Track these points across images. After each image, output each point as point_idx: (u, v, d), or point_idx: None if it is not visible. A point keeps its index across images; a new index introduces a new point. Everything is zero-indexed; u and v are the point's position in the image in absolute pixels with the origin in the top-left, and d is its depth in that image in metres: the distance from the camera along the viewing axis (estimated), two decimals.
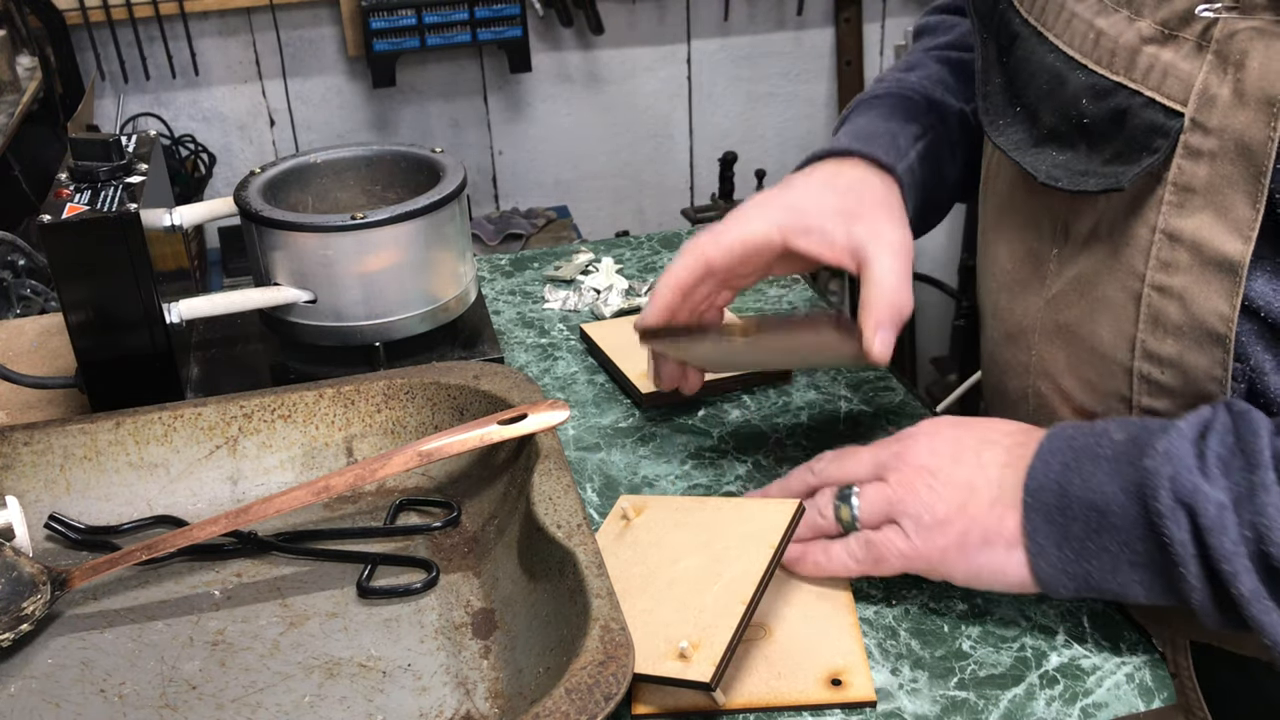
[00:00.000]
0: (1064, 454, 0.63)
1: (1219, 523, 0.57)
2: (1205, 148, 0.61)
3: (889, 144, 0.80)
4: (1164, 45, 0.62)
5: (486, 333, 0.95)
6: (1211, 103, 0.60)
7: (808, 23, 2.65)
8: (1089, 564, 0.62)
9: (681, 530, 0.70)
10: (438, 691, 0.63)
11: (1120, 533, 0.61)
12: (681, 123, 2.71)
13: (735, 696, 0.63)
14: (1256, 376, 0.63)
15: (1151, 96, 0.62)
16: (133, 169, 0.85)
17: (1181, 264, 0.64)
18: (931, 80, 0.87)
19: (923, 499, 0.66)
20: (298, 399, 0.79)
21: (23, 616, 0.67)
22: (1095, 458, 0.62)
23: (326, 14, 2.42)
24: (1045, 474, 0.63)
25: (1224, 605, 0.59)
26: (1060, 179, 0.67)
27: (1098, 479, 0.62)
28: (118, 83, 2.37)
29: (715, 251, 0.75)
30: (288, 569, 0.73)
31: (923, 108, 0.85)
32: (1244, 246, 0.61)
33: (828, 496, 0.70)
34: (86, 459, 0.76)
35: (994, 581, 0.66)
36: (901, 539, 0.66)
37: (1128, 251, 0.66)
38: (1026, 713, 0.62)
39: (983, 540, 0.65)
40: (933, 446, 0.68)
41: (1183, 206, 0.63)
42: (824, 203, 0.75)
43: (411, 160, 0.96)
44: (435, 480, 0.79)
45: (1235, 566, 0.57)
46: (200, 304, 0.88)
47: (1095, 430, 0.64)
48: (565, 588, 0.63)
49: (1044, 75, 0.68)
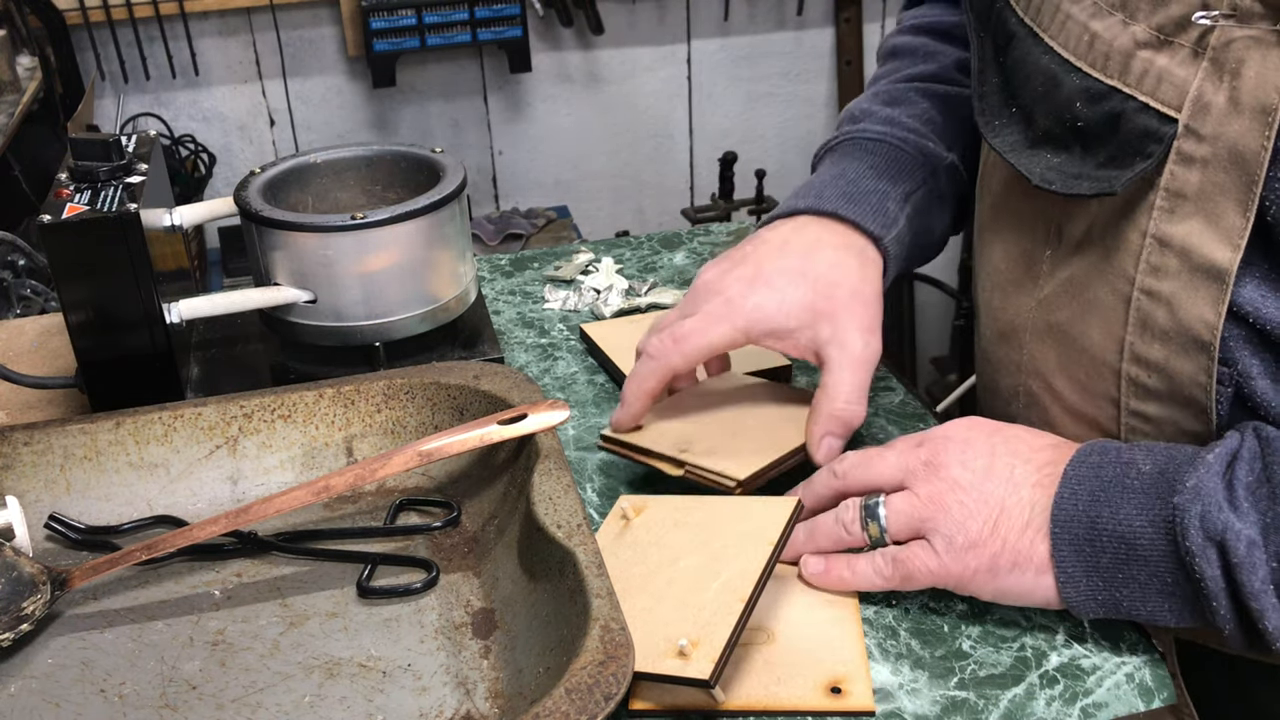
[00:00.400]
0: (1092, 483, 0.63)
1: (1249, 560, 0.57)
2: (1198, 154, 0.61)
3: (878, 208, 0.79)
4: (1159, 50, 0.62)
5: (486, 333, 0.95)
6: (1206, 110, 0.60)
7: (808, 23, 2.65)
8: (1119, 592, 0.62)
9: (681, 529, 0.70)
10: (438, 691, 0.63)
11: (1150, 564, 0.61)
12: (681, 123, 2.71)
13: (734, 697, 0.63)
14: (1244, 381, 0.63)
15: (1145, 101, 0.62)
16: (133, 169, 0.85)
17: (1170, 269, 0.64)
18: (921, 124, 0.84)
19: (955, 517, 0.65)
20: (298, 399, 0.79)
21: (23, 616, 0.67)
22: (1124, 490, 0.62)
23: (326, 14, 2.42)
24: (1074, 504, 0.63)
25: (1252, 635, 0.60)
26: (1054, 182, 0.66)
27: (1126, 511, 0.61)
28: (118, 83, 2.37)
29: (680, 361, 0.75)
30: (288, 569, 0.73)
31: (916, 163, 0.82)
32: (1232, 254, 0.61)
33: (853, 511, 0.68)
34: (86, 459, 0.76)
35: (1020, 601, 0.65)
36: (932, 557, 0.65)
37: (1118, 255, 0.66)
38: (1026, 713, 0.62)
39: (1013, 564, 0.64)
40: (964, 458, 0.67)
41: (1174, 212, 0.63)
42: (791, 300, 0.74)
43: (411, 160, 0.96)
44: (435, 480, 0.79)
45: (1263, 604, 0.57)
46: (200, 304, 0.88)
47: (1123, 460, 0.63)
48: (565, 588, 0.63)
49: (1039, 77, 0.68)
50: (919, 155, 0.83)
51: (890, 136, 0.83)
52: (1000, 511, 0.65)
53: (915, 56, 0.90)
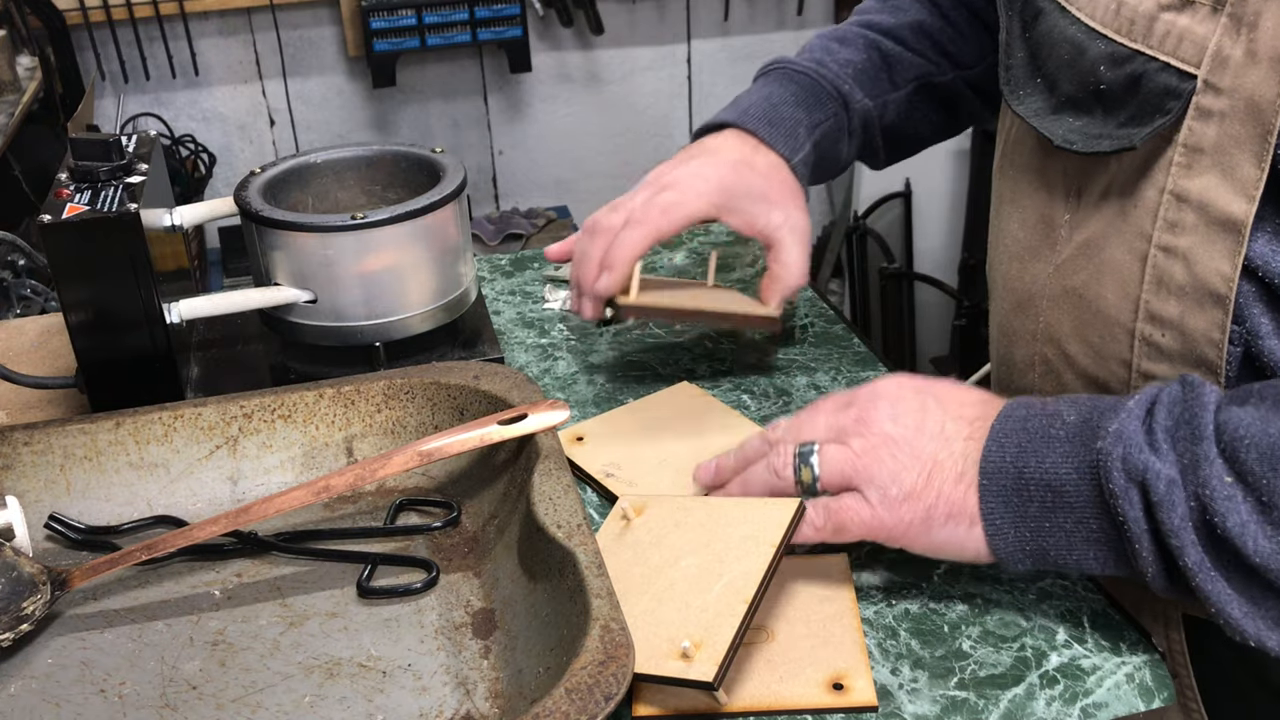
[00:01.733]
0: (1019, 436, 0.64)
1: (1168, 499, 0.58)
2: (1216, 108, 0.63)
3: (790, 133, 0.91)
4: (1180, 11, 0.63)
5: (486, 333, 0.95)
6: (1224, 64, 0.62)
7: (808, 23, 2.65)
8: (1046, 541, 0.63)
9: (682, 530, 0.70)
10: (438, 691, 0.63)
11: (1075, 511, 0.62)
12: (681, 123, 2.71)
13: (736, 698, 0.63)
14: (1253, 340, 0.64)
15: (1166, 61, 0.64)
16: (133, 169, 0.85)
17: (1187, 224, 0.65)
18: (851, 69, 0.95)
19: (888, 469, 0.66)
20: (298, 399, 0.79)
21: (23, 616, 0.67)
22: (1049, 439, 0.63)
23: (326, 14, 2.42)
24: (1001, 456, 0.64)
25: (1174, 577, 0.61)
26: (1075, 142, 0.69)
27: (1052, 460, 0.63)
28: (118, 83, 2.37)
29: (666, 225, 0.85)
30: (288, 569, 0.73)
31: (830, 97, 0.94)
32: (1248, 206, 0.62)
33: (785, 455, 0.70)
34: (86, 459, 0.76)
35: (953, 554, 0.66)
36: (865, 508, 0.66)
37: (1136, 213, 0.68)
38: (1026, 713, 0.62)
39: (948, 516, 0.65)
40: (895, 413, 0.68)
41: (1191, 167, 0.64)
42: (748, 185, 0.87)
43: (411, 160, 0.96)
44: (435, 480, 0.79)
45: (1182, 540, 0.58)
46: (200, 304, 0.88)
47: (1048, 411, 0.65)
48: (565, 588, 0.63)
49: (1065, 46, 0.70)
50: (835, 92, 0.94)
51: (813, 72, 0.94)
52: (934, 465, 0.66)
53: (885, 6, 1.00)
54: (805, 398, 0.90)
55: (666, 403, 0.88)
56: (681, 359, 0.96)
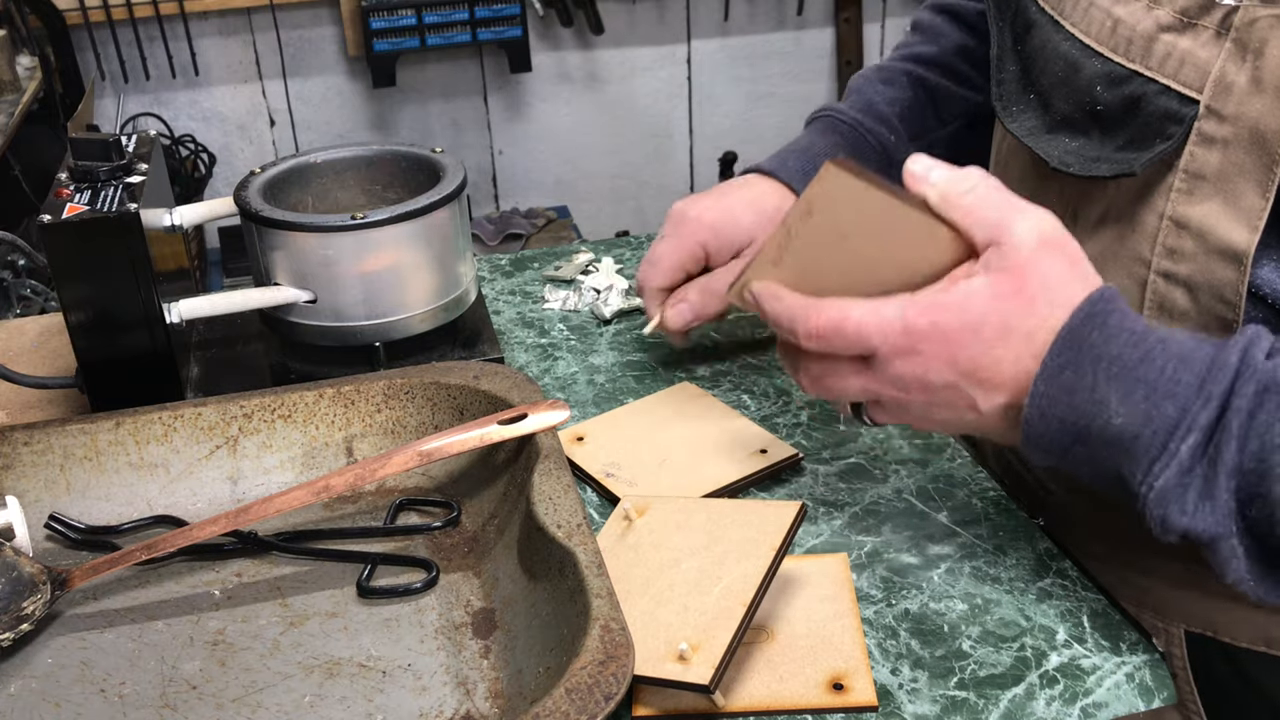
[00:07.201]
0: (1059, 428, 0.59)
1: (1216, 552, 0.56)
2: (1219, 135, 0.61)
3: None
4: (1182, 33, 0.62)
5: (486, 333, 0.95)
6: (1228, 90, 0.61)
7: (808, 23, 2.65)
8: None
9: (683, 532, 0.70)
10: (438, 691, 0.63)
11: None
12: (681, 123, 2.71)
13: (736, 699, 0.63)
14: None
15: (1167, 84, 0.63)
16: (133, 169, 0.85)
17: (1187, 251, 0.64)
18: (899, 109, 0.94)
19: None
20: (298, 399, 0.79)
21: (23, 616, 0.67)
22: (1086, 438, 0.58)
23: (326, 14, 2.42)
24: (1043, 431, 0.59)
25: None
26: (1072, 164, 0.67)
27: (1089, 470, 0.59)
28: (118, 83, 2.37)
29: (661, 280, 0.89)
30: (288, 569, 0.73)
31: (874, 150, 0.93)
32: (1251, 235, 0.61)
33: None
34: (86, 459, 0.76)
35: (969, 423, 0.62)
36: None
37: (1134, 238, 0.67)
38: (1026, 713, 0.62)
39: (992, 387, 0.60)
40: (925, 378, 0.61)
41: (1192, 194, 0.63)
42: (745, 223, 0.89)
43: (411, 160, 0.96)
44: (435, 480, 0.79)
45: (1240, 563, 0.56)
46: (200, 304, 0.88)
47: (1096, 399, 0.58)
48: (565, 588, 0.63)
49: (1059, 63, 0.69)
50: (879, 146, 0.93)
51: (860, 125, 0.94)
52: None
53: (925, 36, 0.98)
54: (805, 397, 0.90)
55: (666, 403, 0.88)
56: (681, 359, 0.96)
